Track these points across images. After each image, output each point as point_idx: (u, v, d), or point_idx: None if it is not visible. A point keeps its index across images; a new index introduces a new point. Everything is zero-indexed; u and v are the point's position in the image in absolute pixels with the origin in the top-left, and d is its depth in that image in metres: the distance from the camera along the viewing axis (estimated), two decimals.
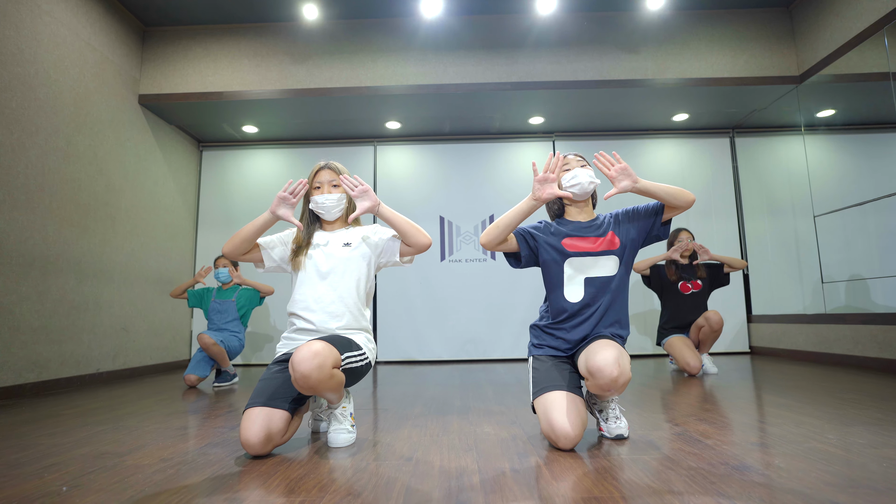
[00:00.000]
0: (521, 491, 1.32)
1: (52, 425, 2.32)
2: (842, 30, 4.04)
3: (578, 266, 1.95)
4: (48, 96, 3.59)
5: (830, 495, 1.23)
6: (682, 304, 3.88)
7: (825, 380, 3.21)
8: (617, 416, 1.90)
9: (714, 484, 1.33)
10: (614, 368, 1.64)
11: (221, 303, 3.92)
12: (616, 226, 2.01)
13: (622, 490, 1.30)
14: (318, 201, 2.02)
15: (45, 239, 3.52)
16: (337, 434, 1.86)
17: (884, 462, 1.47)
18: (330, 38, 4.63)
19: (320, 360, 1.65)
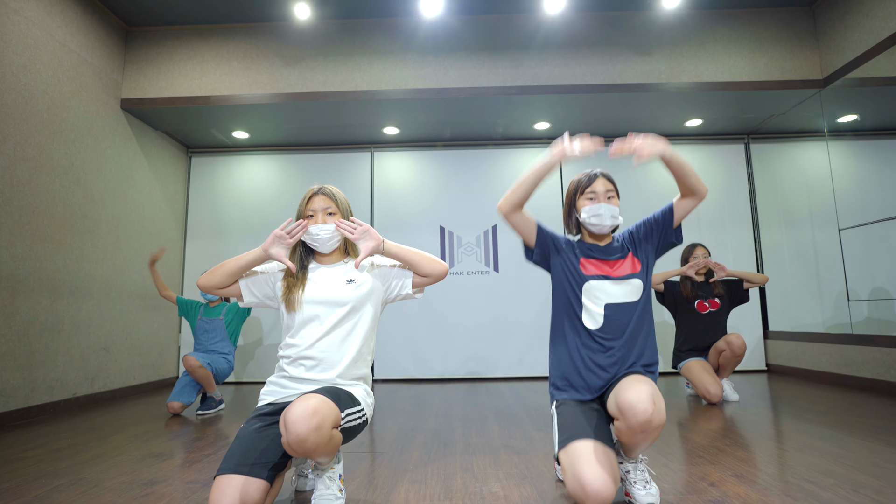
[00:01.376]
0: None
1: (5, 476, 2.06)
2: (872, 30, 3.77)
3: (598, 291, 1.73)
4: (17, 101, 3.32)
5: None
6: (698, 325, 3.61)
7: (857, 412, 2.94)
8: (647, 481, 1.64)
9: None
10: (648, 405, 1.45)
11: (209, 321, 3.66)
12: (634, 245, 1.82)
13: None
14: (313, 232, 1.75)
15: (14, 256, 3.25)
16: (322, 501, 1.60)
17: None
18: (324, 39, 4.36)
19: (319, 419, 1.42)
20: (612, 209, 1.78)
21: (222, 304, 3.74)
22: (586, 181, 1.83)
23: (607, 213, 1.77)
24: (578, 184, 1.85)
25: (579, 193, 1.84)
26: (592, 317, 1.73)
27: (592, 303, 1.74)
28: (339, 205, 1.80)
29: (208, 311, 3.70)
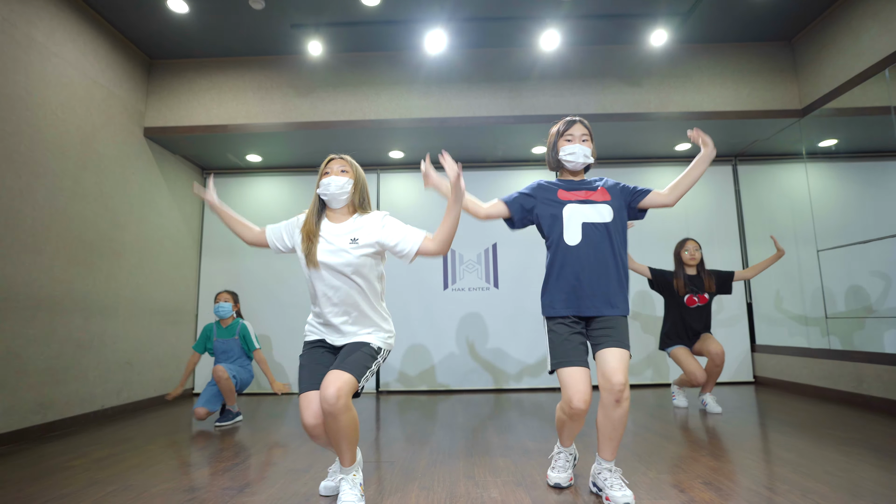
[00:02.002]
0: None
1: (62, 483, 2.33)
2: (844, 67, 4.06)
3: (575, 212, 2.08)
4: (55, 137, 3.61)
5: None
6: (686, 316, 3.86)
7: (830, 423, 3.20)
8: (621, 486, 1.92)
9: None
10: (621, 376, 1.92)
11: (224, 342, 3.92)
12: (608, 186, 2.16)
13: None
14: (323, 183, 2.04)
15: (52, 279, 3.54)
16: (347, 501, 1.88)
17: None
18: (334, 71, 4.66)
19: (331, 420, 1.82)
20: (584, 149, 2.13)
21: (235, 322, 3.98)
22: (564, 126, 2.19)
23: (580, 153, 2.13)
24: (559, 128, 2.20)
25: (559, 136, 2.18)
26: (572, 235, 2.06)
27: (572, 222, 2.07)
28: (352, 167, 2.09)
29: (222, 331, 3.94)
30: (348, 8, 4.03)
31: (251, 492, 2.17)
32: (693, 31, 4.45)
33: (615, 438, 1.95)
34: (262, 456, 2.78)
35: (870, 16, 3.79)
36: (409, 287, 5.42)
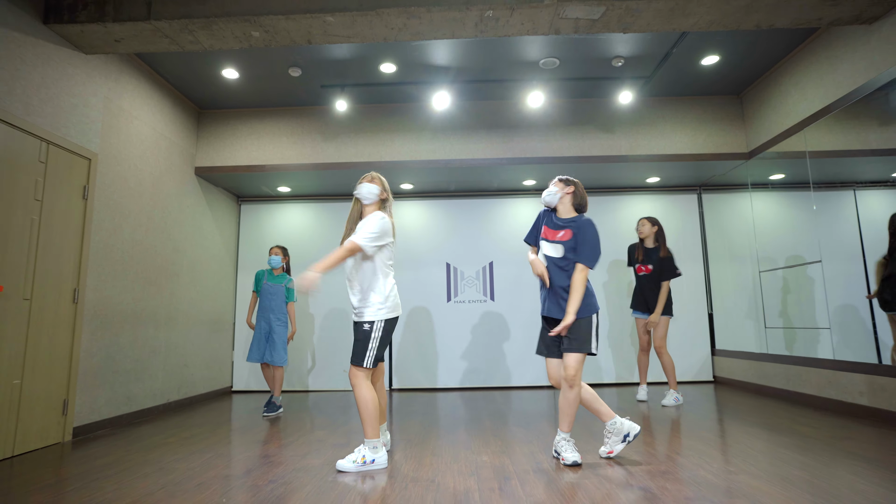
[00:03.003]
0: (505, 502, 2.20)
1: (171, 452, 3.20)
2: (776, 122, 4.93)
3: (543, 244, 3.02)
4: (135, 184, 4.50)
5: None
6: (639, 283, 4.90)
7: (759, 411, 4.07)
8: (573, 450, 2.79)
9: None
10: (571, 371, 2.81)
11: (272, 286, 4.78)
12: (574, 227, 2.95)
13: (563, 495, 2.18)
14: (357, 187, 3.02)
15: (134, 298, 4.42)
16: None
17: (731, 476, 2.34)
18: (356, 120, 5.54)
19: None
20: (549, 191, 3.05)
21: (283, 274, 4.84)
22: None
23: (545, 194, 3.05)
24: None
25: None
26: (544, 259, 2.99)
27: (542, 251, 3.01)
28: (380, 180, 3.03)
29: (272, 277, 4.80)
30: (369, 73, 4.92)
31: (311, 458, 3.04)
32: (657, 88, 5.33)
33: (570, 414, 2.82)
34: (310, 435, 3.65)
35: (792, 84, 4.67)
36: (417, 299, 6.30)
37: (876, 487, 2.28)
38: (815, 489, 2.27)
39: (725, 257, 6.15)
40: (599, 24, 3.63)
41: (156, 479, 2.63)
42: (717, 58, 4.71)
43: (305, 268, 6.33)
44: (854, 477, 2.43)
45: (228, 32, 3.63)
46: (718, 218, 6.28)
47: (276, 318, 4.73)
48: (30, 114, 3.37)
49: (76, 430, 3.72)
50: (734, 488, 2.30)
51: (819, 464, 2.66)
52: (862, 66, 3.85)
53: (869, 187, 4.16)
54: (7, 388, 3.16)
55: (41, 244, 3.44)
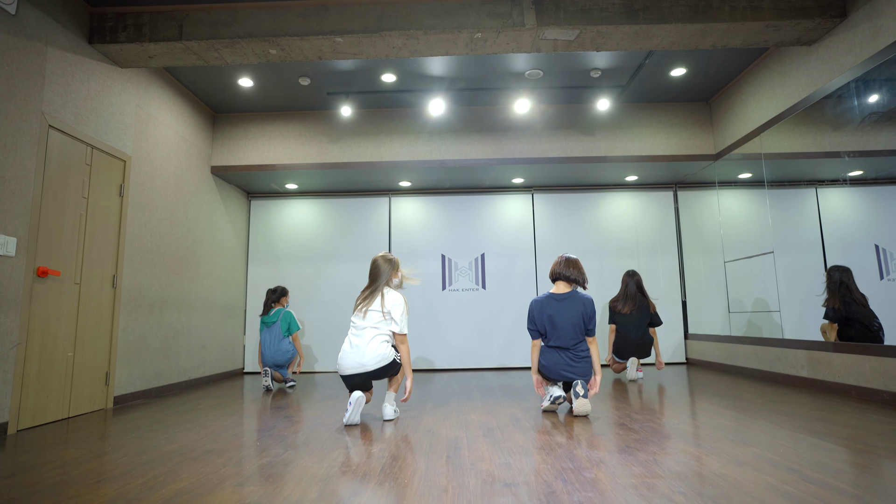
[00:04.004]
0: (486, 445, 2.74)
1: (204, 413, 3.73)
2: (739, 127, 5.47)
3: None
4: (162, 183, 5.01)
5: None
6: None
7: (706, 384, 4.62)
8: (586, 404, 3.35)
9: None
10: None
11: (269, 327, 5.30)
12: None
13: (539, 441, 2.72)
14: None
15: (161, 285, 4.94)
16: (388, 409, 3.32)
17: (677, 429, 2.89)
18: (359, 124, 6.05)
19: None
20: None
21: (277, 311, 5.36)
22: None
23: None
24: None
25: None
26: None
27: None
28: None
29: (268, 321, 5.33)
30: (371, 82, 5.43)
31: (325, 418, 3.58)
32: (633, 95, 5.86)
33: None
34: (321, 403, 4.19)
35: (750, 94, 5.21)
36: (415, 288, 6.83)
37: (785, 430, 2.83)
38: (738, 432, 2.82)
39: (698, 249, 6.71)
40: (575, 44, 4.16)
41: (197, 432, 3.16)
42: (685, 70, 5.24)
43: (310, 261, 6.87)
44: (771, 425, 2.98)
45: (249, 50, 4.14)
46: (692, 213, 6.82)
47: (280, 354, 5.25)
48: (79, 122, 3.88)
49: (116, 398, 4.25)
50: (671, 433, 2.85)
51: (748, 416, 3.21)
52: (804, 82, 4.39)
53: (829, 185, 4.71)
54: (63, 359, 3.68)
55: (87, 236, 3.95)
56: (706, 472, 2.14)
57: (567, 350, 3.58)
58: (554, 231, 6.95)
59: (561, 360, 3.56)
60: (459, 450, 2.62)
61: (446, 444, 2.76)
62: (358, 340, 3.39)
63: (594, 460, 2.35)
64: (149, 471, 2.33)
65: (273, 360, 5.21)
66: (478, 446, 2.68)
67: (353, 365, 3.36)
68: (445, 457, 2.48)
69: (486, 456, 2.48)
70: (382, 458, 2.48)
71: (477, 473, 2.20)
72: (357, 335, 3.41)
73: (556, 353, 3.59)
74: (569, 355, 3.57)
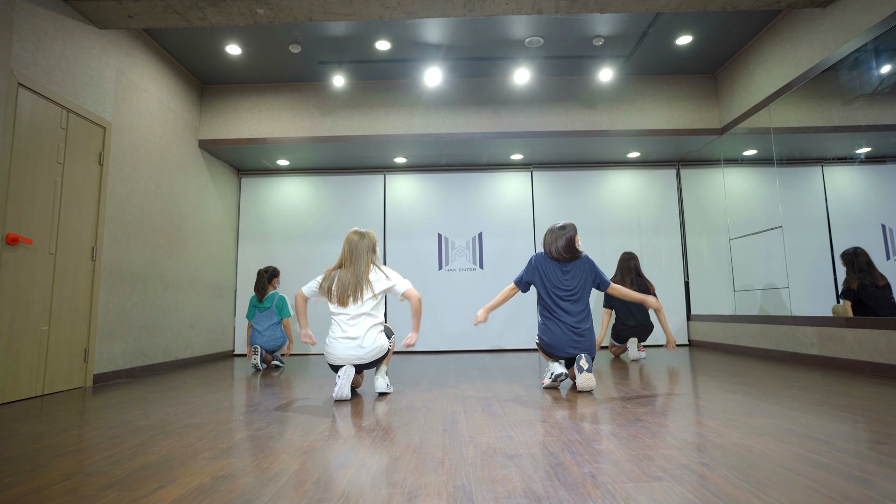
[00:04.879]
0: (485, 419, 2.56)
1: (186, 391, 3.54)
2: (746, 99, 5.27)
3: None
4: (145, 154, 4.78)
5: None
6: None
7: (712, 364, 4.46)
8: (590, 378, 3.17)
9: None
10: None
11: (263, 311, 5.11)
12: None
13: (542, 415, 2.54)
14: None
15: (145, 260, 4.73)
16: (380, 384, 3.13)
17: (684, 405, 2.71)
18: (352, 96, 5.83)
19: None
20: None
21: (271, 295, 5.17)
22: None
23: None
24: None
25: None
26: None
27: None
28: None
29: (261, 306, 5.14)
30: (365, 50, 5.20)
31: (314, 396, 3.39)
32: (636, 66, 5.64)
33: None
34: (311, 382, 4.00)
35: (759, 63, 5.00)
36: (410, 268, 6.64)
37: (801, 403, 2.66)
38: (751, 406, 2.65)
39: (701, 228, 6.52)
40: (578, 4, 3.94)
41: (178, 407, 2.97)
42: (691, 38, 5.03)
43: (302, 240, 6.67)
44: (788, 398, 2.81)
45: (235, 10, 3.91)
46: (695, 191, 6.64)
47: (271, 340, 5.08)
48: (52, 83, 3.65)
49: (96, 377, 4.05)
50: (681, 407, 2.67)
51: (761, 392, 3.04)
52: (818, 47, 4.19)
53: (835, 164, 4.52)
54: (36, 333, 3.48)
55: (63, 204, 3.73)
56: (727, 443, 1.97)
57: (571, 325, 3.40)
58: (553, 209, 6.75)
59: (564, 336, 3.38)
60: (457, 423, 2.44)
61: (443, 417, 2.57)
62: (354, 330, 3.19)
63: (603, 433, 2.17)
64: (117, 444, 2.14)
65: (266, 345, 5.03)
66: (476, 419, 2.50)
67: (349, 356, 3.17)
68: (441, 429, 2.30)
69: (485, 429, 2.30)
70: (373, 430, 2.30)
71: (476, 445, 2.02)
72: (351, 324, 3.21)
73: (558, 327, 3.41)
74: (573, 329, 3.38)
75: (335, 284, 3.24)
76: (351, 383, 3.28)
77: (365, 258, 3.30)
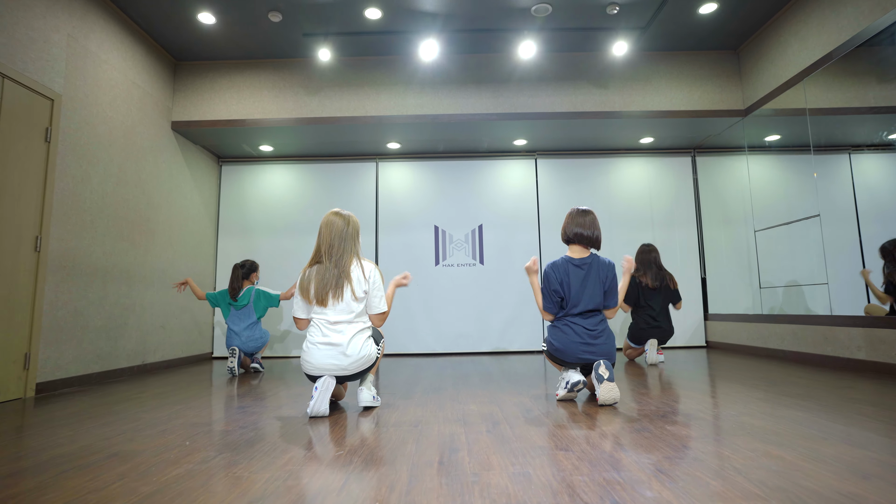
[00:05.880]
0: (492, 446, 2.04)
1: (139, 404, 3.02)
2: (775, 75, 4.76)
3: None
4: (105, 132, 4.25)
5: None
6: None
7: (744, 369, 3.96)
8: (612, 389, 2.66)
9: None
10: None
11: (239, 309, 4.59)
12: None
13: (562, 439, 2.03)
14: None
15: (104, 252, 4.20)
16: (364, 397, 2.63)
17: (735, 424, 2.20)
18: (340, 73, 5.30)
19: None
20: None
21: (247, 291, 4.64)
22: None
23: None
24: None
25: None
26: None
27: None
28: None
29: (237, 304, 4.61)
30: (353, 20, 4.67)
31: (287, 410, 2.87)
32: (652, 41, 5.13)
33: None
34: (289, 391, 3.48)
35: (792, 34, 4.49)
36: (405, 263, 6.12)
37: (884, 425, 2.15)
38: (823, 428, 2.14)
39: (719, 221, 6.02)
40: None
41: (117, 427, 2.45)
42: (716, 5, 4.52)
43: (288, 233, 6.15)
44: (862, 417, 2.30)
45: None
46: (712, 181, 6.13)
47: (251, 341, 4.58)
48: None
49: (40, 386, 3.52)
50: (733, 428, 2.17)
51: (822, 407, 2.54)
52: (867, 8, 3.68)
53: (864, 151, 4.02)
54: None
55: None
56: (824, 489, 1.45)
57: (584, 325, 2.89)
58: (559, 200, 6.24)
59: (576, 339, 2.87)
60: (457, 452, 1.92)
61: (439, 443, 2.06)
62: (336, 335, 2.67)
63: (647, 468, 1.66)
64: (10, 486, 1.62)
65: (245, 347, 4.51)
66: (481, 447, 1.99)
67: (329, 366, 2.66)
68: (437, 461, 1.79)
69: (493, 461, 1.79)
70: (349, 465, 1.78)
71: (483, 490, 1.50)
72: (334, 329, 2.69)
73: (570, 329, 2.90)
74: (587, 332, 2.88)
75: (313, 282, 2.71)
76: (331, 395, 2.76)
77: (350, 248, 2.79)
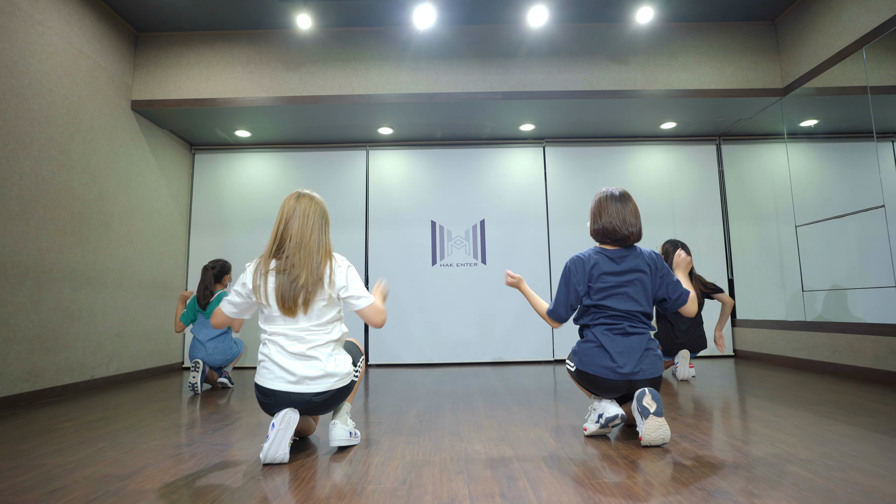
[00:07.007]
0: None
1: (52, 441, 2.37)
2: (824, 46, 4.14)
3: None
4: (41, 106, 3.60)
5: None
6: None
7: (802, 389, 3.32)
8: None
9: None
10: None
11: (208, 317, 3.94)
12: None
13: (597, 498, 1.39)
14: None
15: (40, 249, 3.55)
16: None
17: (848, 487, 1.56)
18: (323, 46, 4.66)
19: None
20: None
21: (218, 296, 3.97)
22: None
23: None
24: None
25: None
26: None
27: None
28: None
29: (205, 312, 3.95)
30: None
31: (239, 450, 2.23)
32: (679, 10, 4.50)
33: None
34: (251, 418, 2.84)
35: None
36: (398, 263, 5.48)
37: None
38: None
39: (748, 216, 5.40)
40: None
41: (8, 474, 1.80)
42: None
43: (268, 229, 5.50)
44: None
45: None
46: (740, 171, 5.50)
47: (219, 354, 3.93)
48: None
49: None
50: (841, 486, 1.53)
51: None
52: None
53: None
54: None
55: None
56: None
57: (626, 336, 2.24)
58: (570, 192, 5.60)
59: (615, 353, 2.22)
60: None
61: None
62: (299, 346, 2.02)
63: None
64: None
65: (210, 360, 3.87)
66: None
67: (293, 395, 2.01)
68: None
69: None
70: None
71: None
72: (298, 339, 2.03)
73: (608, 340, 2.24)
74: (629, 345, 2.23)
75: (274, 282, 2.05)
76: (295, 430, 2.11)
77: (318, 236, 2.14)
